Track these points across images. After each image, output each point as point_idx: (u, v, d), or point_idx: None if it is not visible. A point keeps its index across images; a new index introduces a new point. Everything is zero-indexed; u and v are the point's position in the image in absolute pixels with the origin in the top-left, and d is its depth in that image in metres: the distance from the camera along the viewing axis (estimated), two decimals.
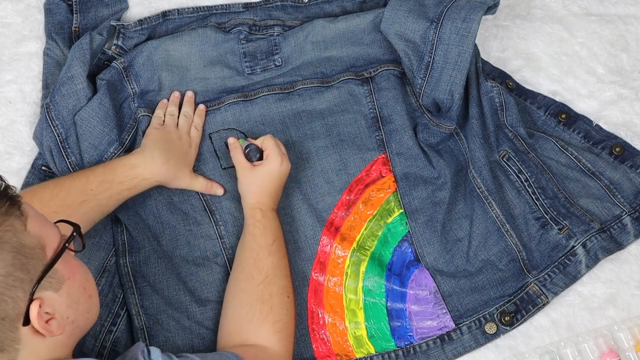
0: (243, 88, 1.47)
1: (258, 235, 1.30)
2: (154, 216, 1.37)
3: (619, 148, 1.44)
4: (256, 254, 1.28)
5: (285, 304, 1.26)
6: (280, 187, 1.35)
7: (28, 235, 0.96)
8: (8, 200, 0.95)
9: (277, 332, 1.23)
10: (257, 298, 1.24)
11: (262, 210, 1.31)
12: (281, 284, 1.27)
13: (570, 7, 1.55)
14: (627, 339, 1.33)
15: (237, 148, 1.37)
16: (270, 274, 1.27)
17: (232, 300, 1.27)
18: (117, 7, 1.51)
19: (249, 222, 1.32)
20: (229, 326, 1.25)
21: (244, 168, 1.35)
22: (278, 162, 1.33)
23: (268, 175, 1.33)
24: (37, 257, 0.96)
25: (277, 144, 1.35)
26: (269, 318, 1.23)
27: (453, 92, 1.38)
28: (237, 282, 1.28)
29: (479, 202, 1.38)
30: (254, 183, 1.33)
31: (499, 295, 1.35)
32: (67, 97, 1.38)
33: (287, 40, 1.49)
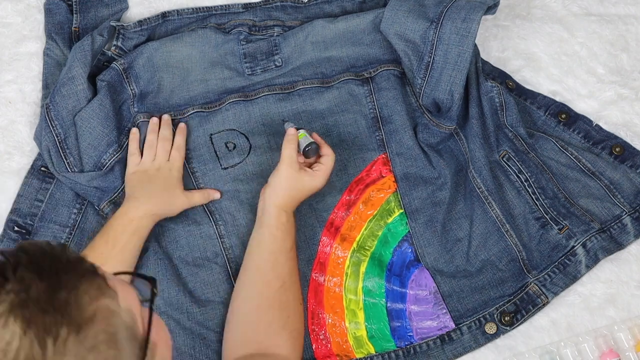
0: (243, 88, 1.47)
1: (280, 238, 1.27)
2: None
3: (619, 148, 1.44)
4: (275, 258, 1.26)
5: (299, 312, 1.26)
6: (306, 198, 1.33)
7: (123, 312, 0.78)
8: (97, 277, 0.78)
9: (293, 340, 1.22)
10: (276, 305, 1.23)
11: (287, 213, 1.29)
12: (296, 291, 1.27)
13: (570, 7, 1.55)
14: (627, 339, 1.33)
15: (293, 142, 1.30)
16: (287, 280, 1.25)
17: (246, 302, 1.25)
18: (117, 7, 1.51)
19: (272, 222, 1.28)
20: (244, 331, 1.23)
21: (292, 166, 1.29)
22: (322, 181, 1.31)
23: (309, 186, 1.30)
24: (134, 335, 0.79)
25: (333, 166, 1.32)
26: (287, 326, 1.22)
27: (453, 92, 1.38)
28: (253, 284, 1.25)
29: (479, 202, 1.38)
30: (291, 186, 1.29)
31: (499, 295, 1.35)
32: (67, 97, 1.38)
33: (287, 41, 1.49)
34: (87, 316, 0.74)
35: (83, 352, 0.73)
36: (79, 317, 0.73)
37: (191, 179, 1.41)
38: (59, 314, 0.72)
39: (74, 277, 0.75)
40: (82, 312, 0.74)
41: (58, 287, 0.74)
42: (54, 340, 0.71)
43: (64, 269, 0.75)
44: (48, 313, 0.72)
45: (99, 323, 0.75)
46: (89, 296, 0.75)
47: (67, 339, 0.72)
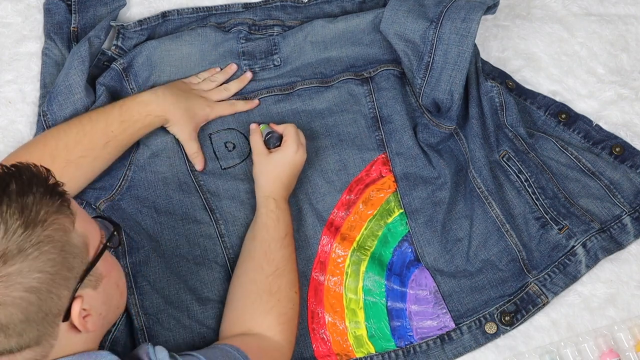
0: (242, 89, 1.47)
1: (271, 226, 1.30)
2: (152, 216, 1.37)
3: (619, 148, 1.44)
4: (267, 246, 1.28)
5: (292, 298, 1.26)
6: (294, 177, 1.35)
7: (75, 233, 0.98)
8: (60, 198, 0.97)
9: (280, 324, 1.23)
10: (265, 289, 1.25)
11: (275, 200, 1.31)
12: (289, 277, 1.27)
13: (570, 7, 1.55)
14: (627, 339, 1.33)
15: (256, 133, 1.38)
16: (280, 266, 1.27)
17: (238, 289, 1.27)
18: (115, 5, 1.51)
19: (262, 211, 1.31)
20: (233, 314, 1.26)
21: (260, 153, 1.35)
22: (294, 149, 1.33)
23: (282, 162, 1.33)
24: (81, 256, 0.99)
25: (297, 133, 1.35)
26: (275, 310, 1.24)
27: (453, 92, 1.38)
28: (245, 271, 1.28)
29: (479, 202, 1.38)
30: (268, 169, 1.33)
31: (499, 295, 1.35)
32: (64, 106, 1.38)
33: (287, 40, 1.49)
34: (39, 220, 0.94)
35: (25, 244, 0.93)
36: (32, 219, 0.94)
37: (191, 177, 1.40)
38: (17, 210, 0.93)
39: (43, 191, 0.96)
40: (36, 216, 0.94)
41: (27, 193, 0.95)
42: (5, 229, 0.92)
43: (37, 183, 0.96)
44: (10, 208, 0.93)
45: (48, 229, 0.95)
46: (48, 208, 0.95)
47: (15, 230, 0.93)
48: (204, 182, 1.40)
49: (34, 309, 0.94)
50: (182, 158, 1.41)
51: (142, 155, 1.40)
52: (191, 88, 1.43)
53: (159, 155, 1.40)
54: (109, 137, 1.32)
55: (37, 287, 0.94)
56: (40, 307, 0.95)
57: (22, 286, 0.93)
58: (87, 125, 1.32)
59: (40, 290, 0.94)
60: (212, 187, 1.40)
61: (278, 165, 1.33)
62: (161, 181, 1.39)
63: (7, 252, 0.92)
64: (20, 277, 0.93)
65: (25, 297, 0.93)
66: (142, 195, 1.38)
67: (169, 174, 1.40)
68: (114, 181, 1.39)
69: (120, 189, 1.38)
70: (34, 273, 0.93)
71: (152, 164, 1.40)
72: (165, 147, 1.41)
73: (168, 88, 1.40)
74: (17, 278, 0.92)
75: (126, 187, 1.39)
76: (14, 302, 0.93)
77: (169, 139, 1.41)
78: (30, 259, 0.93)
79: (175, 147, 1.41)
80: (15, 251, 0.92)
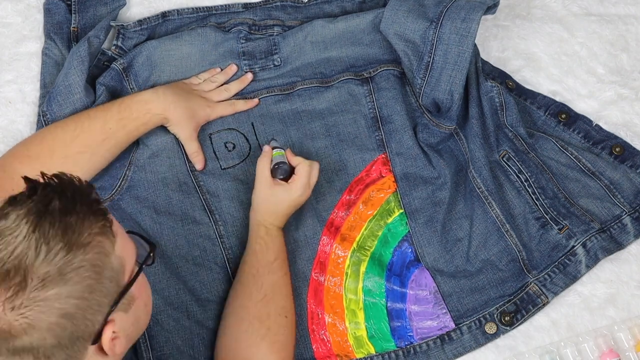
0: (243, 89, 1.47)
1: (259, 251, 1.29)
2: (151, 216, 1.37)
3: (619, 148, 1.44)
4: (256, 271, 1.28)
5: (283, 324, 1.26)
6: (292, 211, 1.33)
7: (114, 257, 0.93)
8: (103, 218, 0.92)
9: (274, 352, 1.23)
10: (255, 316, 1.24)
11: (267, 228, 1.31)
12: (280, 304, 1.27)
13: (570, 7, 1.55)
14: (627, 339, 1.33)
15: (266, 157, 1.33)
16: (268, 292, 1.26)
17: (230, 315, 1.27)
18: (115, 5, 1.51)
19: (252, 237, 1.31)
20: (227, 342, 1.25)
21: (264, 182, 1.32)
22: (299, 192, 1.31)
23: (283, 199, 1.31)
24: (116, 279, 0.94)
25: (309, 174, 1.32)
26: (267, 338, 1.23)
27: (453, 92, 1.38)
28: (236, 297, 1.28)
29: (479, 202, 1.38)
30: (268, 200, 1.31)
31: (499, 295, 1.35)
32: (64, 106, 1.38)
33: (287, 40, 1.49)
34: (81, 242, 0.89)
35: (66, 268, 0.88)
36: (75, 241, 0.89)
37: (190, 177, 1.41)
38: (60, 231, 0.88)
39: (87, 210, 0.91)
40: (79, 238, 0.89)
41: (70, 212, 0.89)
42: (47, 250, 0.87)
43: (82, 201, 0.91)
44: (54, 227, 0.88)
45: (89, 253, 0.90)
46: (91, 230, 0.90)
47: (58, 253, 0.87)
48: (203, 183, 1.40)
49: (66, 334, 0.89)
50: (182, 158, 1.41)
51: (142, 155, 1.40)
52: (192, 88, 1.43)
53: (159, 155, 1.41)
54: (107, 134, 1.32)
55: (73, 313, 0.89)
56: (72, 333, 0.90)
57: (59, 312, 0.88)
58: (85, 122, 1.32)
59: (75, 316, 0.89)
60: (212, 187, 1.40)
61: (278, 200, 1.31)
62: (161, 181, 1.39)
63: (47, 276, 0.87)
64: (57, 303, 0.88)
65: (61, 323, 0.89)
66: (142, 195, 1.38)
67: (169, 174, 1.40)
68: (113, 181, 1.39)
69: (120, 189, 1.38)
70: (71, 299, 0.89)
71: (152, 164, 1.40)
72: (165, 147, 1.41)
73: (169, 88, 1.39)
74: (54, 303, 0.88)
75: (126, 187, 1.39)
76: (49, 328, 0.88)
77: (169, 139, 1.41)
78: (70, 284, 0.88)
79: (175, 147, 1.41)
80: (55, 275, 0.87)
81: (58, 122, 1.35)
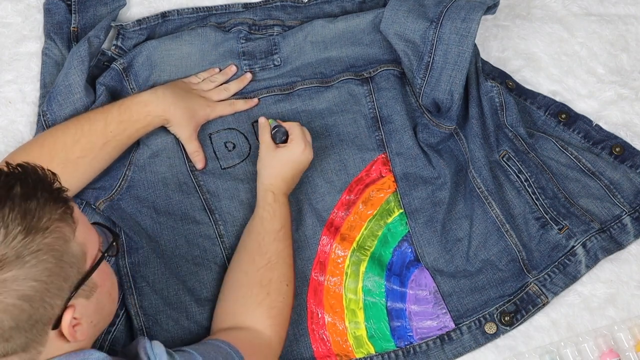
0: (242, 89, 1.47)
1: (266, 218, 1.30)
2: (151, 216, 1.37)
3: (619, 148, 1.44)
4: (262, 238, 1.29)
5: (283, 291, 1.26)
6: (297, 175, 1.35)
7: (75, 242, 0.97)
8: (63, 205, 0.95)
9: (270, 318, 1.23)
10: (256, 282, 1.25)
11: (274, 193, 1.32)
12: (282, 271, 1.28)
13: (570, 7, 1.55)
14: (627, 339, 1.33)
15: (265, 127, 1.37)
16: (272, 260, 1.27)
17: (230, 280, 1.28)
18: (115, 5, 1.51)
19: (260, 203, 1.32)
20: (225, 306, 1.26)
21: (267, 147, 1.35)
22: (301, 148, 1.33)
23: (288, 159, 1.33)
24: (77, 265, 0.97)
25: (303, 132, 1.35)
26: (265, 303, 1.24)
27: (453, 92, 1.38)
28: (238, 263, 1.29)
29: (479, 202, 1.38)
30: (273, 163, 1.34)
31: (499, 295, 1.35)
32: (64, 106, 1.38)
33: (287, 40, 1.49)
34: (40, 226, 0.92)
35: (24, 251, 0.91)
36: (33, 225, 0.92)
37: (190, 177, 1.40)
38: (20, 215, 0.91)
39: (48, 196, 0.94)
40: (38, 222, 0.92)
41: (31, 198, 0.92)
42: (5, 233, 0.91)
43: (43, 188, 0.94)
44: (13, 212, 0.91)
45: (48, 237, 0.92)
46: (51, 215, 0.93)
47: (16, 236, 0.91)
48: (203, 183, 1.40)
49: (24, 316, 0.93)
50: (182, 158, 1.41)
51: (142, 155, 1.40)
52: (191, 88, 1.43)
53: (159, 155, 1.41)
54: (108, 138, 1.32)
55: (31, 295, 0.92)
56: (31, 315, 0.93)
57: (16, 293, 0.91)
58: (86, 125, 1.32)
59: (33, 298, 0.92)
60: (212, 187, 1.40)
61: (283, 161, 1.33)
62: (161, 181, 1.39)
63: (4, 257, 0.90)
64: (15, 285, 0.91)
65: (18, 304, 0.92)
66: (142, 195, 1.38)
67: (169, 174, 1.40)
68: (113, 181, 1.39)
69: (120, 189, 1.38)
70: (29, 281, 0.92)
71: (152, 164, 1.40)
72: (166, 147, 1.41)
73: (168, 88, 1.39)
74: (12, 285, 0.91)
75: (126, 187, 1.39)
76: (6, 309, 0.91)
77: (169, 139, 1.41)
78: (27, 266, 0.91)
79: (175, 147, 1.41)
80: (13, 257, 0.91)
81: (58, 125, 1.35)
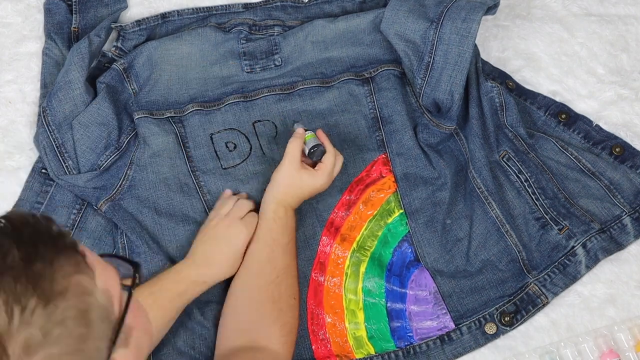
0: (243, 88, 1.47)
1: (276, 231, 1.29)
2: (152, 217, 1.37)
3: (619, 148, 1.44)
4: (271, 250, 1.28)
5: (292, 306, 1.26)
6: (309, 197, 1.34)
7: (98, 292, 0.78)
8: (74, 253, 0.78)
9: (284, 336, 1.23)
10: (268, 297, 1.24)
11: (285, 208, 1.31)
12: (289, 284, 1.27)
13: (570, 7, 1.55)
14: (627, 339, 1.33)
15: (298, 139, 1.33)
16: (281, 273, 1.27)
17: (241, 293, 1.26)
18: (116, 7, 1.51)
19: (270, 215, 1.30)
20: (235, 322, 1.24)
21: (292, 161, 1.31)
22: (323, 181, 1.32)
23: (308, 186, 1.32)
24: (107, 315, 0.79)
25: (334, 165, 1.33)
26: (279, 320, 1.23)
27: (453, 92, 1.38)
28: (248, 275, 1.27)
29: (479, 202, 1.38)
30: (293, 183, 1.31)
31: (499, 296, 1.35)
32: (64, 102, 1.38)
33: (287, 40, 1.49)
34: (58, 290, 0.74)
35: (49, 325, 0.73)
36: (50, 290, 0.73)
37: (191, 177, 1.41)
38: (30, 284, 0.73)
39: (52, 250, 0.75)
40: (54, 285, 0.74)
41: (34, 258, 0.74)
42: (21, 310, 0.72)
43: (43, 240, 0.76)
44: (20, 282, 0.72)
45: (71, 299, 0.75)
46: (64, 271, 0.75)
47: (34, 310, 0.72)
48: (204, 183, 1.40)
49: None
50: (183, 158, 1.41)
51: (143, 154, 1.40)
52: (214, 226, 1.32)
53: (160, 155, 1.40)
54: None
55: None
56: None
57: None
58: None
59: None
60: (213, 187, 1.40)
61: (304, 185, 1.32)
62: (162, 182, 1.39)
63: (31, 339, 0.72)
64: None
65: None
66: (143, 195, 1.38)
67: (170, 175, 1.40)
68: (114, 180, 1.39)
69: (121, 189, 1.38)
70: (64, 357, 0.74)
71: (154, 164, 1.40)
72: (167, 148, 1.41)
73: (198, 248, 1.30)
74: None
75: (127, 186, 1.39)
76: None
77: (170, 139, 1.41)
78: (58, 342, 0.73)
79: (177, 148, 1.41)
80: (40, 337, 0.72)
81: None
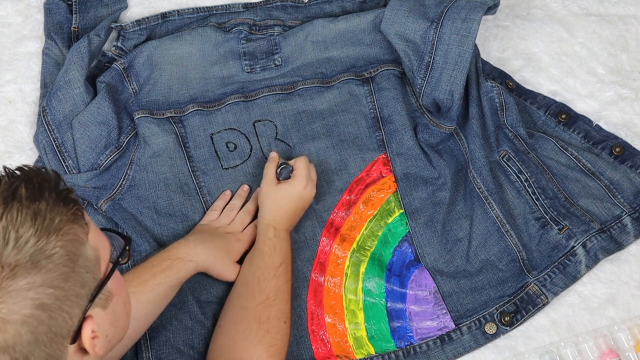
0: (243, 88, 1.47)
1: (267, 254, 1.29)
2: (152, 217, 1.37)
3: (619, 148, 1.44)
4: (261, 273, 1.28)
5: (281, 329, 1.26)
6: (300, 211, 1.35)
7: (89, 246, 0.88)
8: (74, 205, 0.87)
9: (270, 356, 1.23)
10: (255, 318, 1.24)
11: (275, 228, 1.31)
12: (280, 308, 1.27)
13: (570, 7, 1.55)
14: (627, 339, 1.33)
15: (273, 162, 1.37)
16: (271, 296, 1.26)
17: (229, 314, 1.27)
18: (116, 7, 1.51)
19: (260, 238, 1.31)
20: (223, 341, 1.25)
21: (269, 181, 1.34)
22: (302, 184, 1.33)
23: (289, 195, 1.33)
24: (93, 271, 0.88)
25: (308, 168, 1.34)
26: (264, 341, 1.23)
27: (453, 92, 1.39)
28: (238, 297, 1.28)
29: (479, 202, 1.38)
30: (274, 199, 1.33)
31: (499, 296, 1.35)
32: (63, 101, 1.38)
33: (287, 40, 1.49)
34: (53, 228, 0.83)
35: (39, 256, 0.82)
36: (46, 227, 0.83)
37: (192, 177, 1.41)
38: (29, 217, 0.83)
39: (56, 197, 0.85)
40: (51, 224, 0.83)
41: (39, 198, 0.84)
42: (16, 237, 0.82)
43: (49, 188, 0.85)
44: (22, 213, 0.82)
45: (63, 240, 0.84)
46: (63, 216, 0.85)
47: (28, 240, 0.82)
48: (204, 183, 1.40)
49: (43, 328, 0.83)
50: (183, 159, 1.41)
51: (144, 154, 1.40)
52: (214, 228, 1.36)
53: (160, 155, 1.41)
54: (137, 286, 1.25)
55: (49, 304, 0.83)
56: (50, 327, 0.84)
57: (33, 302, 0.82)
58: None
59: (51, 307, 0.83)
60: (213, 188, 1.40)
61: (285, 197, 1.33)
62: (162, 182, 1.39)
63: (18, 264, 0.81)
64: (31, 293, 0.82)
65: (36, 314, 0.82)
66: (143, 195, 1.38)
67: (170, 175, 1.40)
68: (114, 180, 1.39)
69: (121, 188, 1.39)
70: (46, 288, 0.83)
71: (154, 164, 1.40)
72: (167, 148, 1.41)
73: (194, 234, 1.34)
74: (28, 293, 0.82)
75: (127, 186, 1.39)
76: (24, 321, 0.82)
77: (170, 139, 1.41)
78: (43, 272, 0.82)
79: (177, 148, 1.41)
80: (27, 263, 0.82)
81: None
